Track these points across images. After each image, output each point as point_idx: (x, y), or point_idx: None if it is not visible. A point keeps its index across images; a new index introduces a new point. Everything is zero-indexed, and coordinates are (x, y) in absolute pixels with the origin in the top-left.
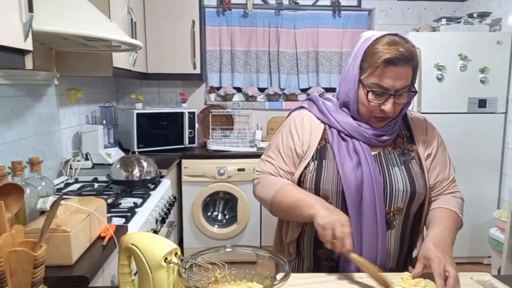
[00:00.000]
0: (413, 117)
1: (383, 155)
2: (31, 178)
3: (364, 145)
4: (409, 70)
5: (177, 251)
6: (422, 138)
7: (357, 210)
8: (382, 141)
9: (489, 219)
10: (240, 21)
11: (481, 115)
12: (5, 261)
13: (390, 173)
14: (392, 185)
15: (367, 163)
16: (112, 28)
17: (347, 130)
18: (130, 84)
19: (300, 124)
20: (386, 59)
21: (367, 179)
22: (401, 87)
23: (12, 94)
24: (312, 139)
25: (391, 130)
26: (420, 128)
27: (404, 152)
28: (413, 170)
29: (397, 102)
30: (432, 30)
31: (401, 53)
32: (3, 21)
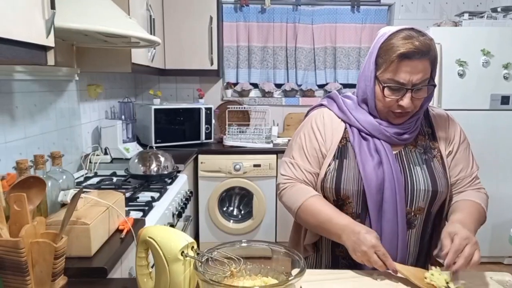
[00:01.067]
0: (435, 114)
1: (405, 153)
2: (53, 172)
3: (385, 144)
4: (426, 64)
5: (194, 245)
6: (444, 135)
7: (378, 209)
8: (403, 139)
9: (510, 218)
10: (258, 17)
11: (504, 112)
12: (27, 251)
13: (411, 172)
14: (414, 185)
15: (388, 162)
16: (131, 24)
17: (367, 129)
18: (148, 80)
19: (322, 123)
20: (400, 54)
21: (389, 178)
22: (418, 81)
23: (35, 89)
24: (334, 137)
25: (413, 127)
26: (442, 124)
27: (426, 150)
28: (435, 169)
29: (416, 96)
30: (454, 25)
31: (416, 46)
32: (26, 18)
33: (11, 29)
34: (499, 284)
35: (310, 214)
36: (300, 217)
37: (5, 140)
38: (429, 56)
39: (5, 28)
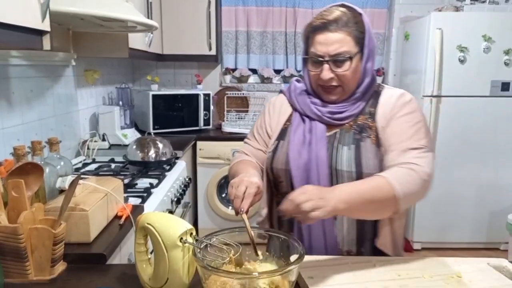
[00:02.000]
0: (386, 93)
1: (340, 134)
2: (50, 158)
3: (320, 125)
4: (343, 36)
5: (192, 231)
6: (386, 113)
7: None
8: (337, 119)
9: (508, 205)
10: (257, 1)
11: (504, 98)
12: (26, 237)
13: (338, 153)
14: (337, 166)
15: (316, 143)
16: (128, 8)
17: (304, 110)
18: (146, 65)
19: (273, 107)
20: (311, 27)
21: (313, 158)
22: (334, 52)
23: (31, 74)
24: (280, 120)
25: (351, 108)
26: (387, 103)
27: (362, 130)
28: (365, 150)
29: (336, 70)
30: (455, 10)
31: (327, 19)
32: (21, 2)
33: (6, 13)
34: (496, 270)
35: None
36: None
37: (2, 126)
38: (346, 29)
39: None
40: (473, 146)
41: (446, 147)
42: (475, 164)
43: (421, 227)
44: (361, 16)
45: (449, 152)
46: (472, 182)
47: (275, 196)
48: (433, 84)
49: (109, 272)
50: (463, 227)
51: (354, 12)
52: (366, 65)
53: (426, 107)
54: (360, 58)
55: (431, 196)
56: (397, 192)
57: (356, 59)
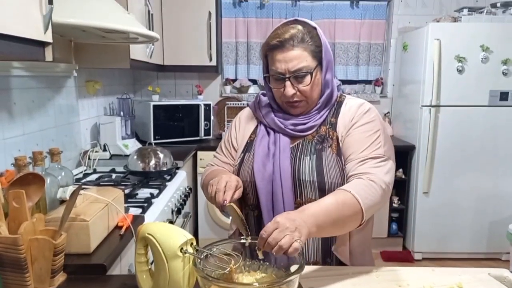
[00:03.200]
0: (347, 104)
1: (301, 145)
2: (51, 168)
3: (284, 137)
4: (300, 52)
5: (193, 241)
6: (346, 123)
7: (269, 202)
8: (299, 130)
9: (508, 214)
10: (257, 13)
11: (503, 108)
12: (26, 248)
13: (300, 163)
14: (300, 176)
15: (279, 155)
16: (129, 20)
17: (269, 123)
18: (147, 76)
19: (239, 120)
20: (268, 47)
21: (277, 170)
22: (294, 69)
23: (33, 85)
24: (245, 133)
25: (312, 119)
26: (347, 113)
27: (324, 140)
28: (326, 159)
29: (297, 85)
30: (453, 21)
31: (282, 38)
32: (24, 14)
33: (9, 25)
34: (497, 280)
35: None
36: (203, 184)
37: (4, 136)
38: (302, 44)
39: (2, 23)
40: (473, 155)
41: (445, 156)
42: (475, 173)
43: (422, 237)
44: (316, 30)
45: (449, 161)
46: (471, 191)
47: (243, 208)
48: (431, 94)
49: (109, 283)
50: (464, 237)
51: (309, 27)
52: (326, 77)
53: (425, 117)
54: (319, 71)
55: (431, 205)
56: (362, 206)
57: (316, 72)
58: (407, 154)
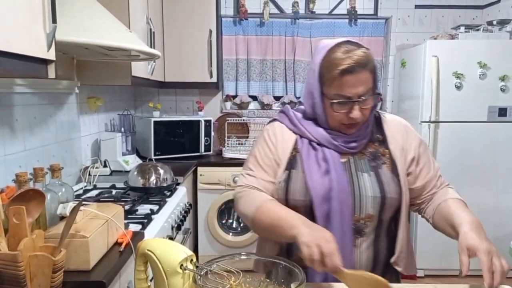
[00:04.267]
0: (387, 120)
1: (353, 161)
2: (52, 184)
3: (333, 152)
4: (367, 75)
5: (193, 257)
6: (399, 141)
7: (325, 219)
8: (351, 147)
9: (510, 230)
10: (257, 30)
11: (501, 124)
12: (25, 265)
13: (359, 179)
14: (361, 192)
15: (335, 171)
16: (131, 38)
17: (317, 138)
18: (148, 92)
19: (274, 134)
20: (342, 70)
21: (335, 187)
22: (363, 92)
23: (35, 102)
24: (284, 148)
25: (362, 135)
26: (395, 130)
27: (376, 157)
28: (383, 175)
29: (363, 107)
30: (450, 38)
31: (355, 61)
32: (27, 32)
33: (12, 43)
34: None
35: (265, 215)
36: (255, 220)
37: (5, 152)
38: (368, 67)
39: (6, 41)
40: (472, 171)
41: (445, 172)
42: (475, 189)
43: (423, 253)
44: (369, 52)
45: (449, 177)
46: (472, 207)
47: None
48: (430, 109)
49: None
50: None
51: (367, 49)
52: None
53: (425, 133)
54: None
55: None
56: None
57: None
58: None
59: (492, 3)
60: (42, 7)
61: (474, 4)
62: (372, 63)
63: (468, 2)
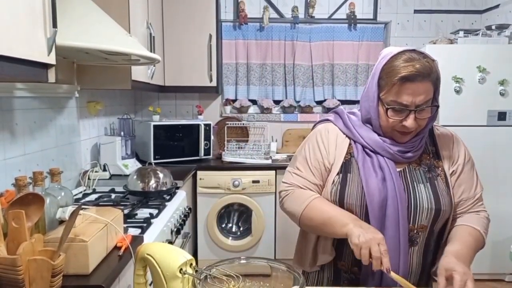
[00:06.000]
0: (440, 133)
1: (408, 171)
2: (51, 188)
3: (389, 161)
4: (428, 85)
5: (192, 262)
6: (448, 154)
7: (380, 225)
8: (407, 157)
9: (510, 235)
10: (256, 35)
11: (501, 128)
12: (24, 269)
13: (415, 190)
14: (417, 202)
15: (392, 179)
16: (132, 42)
17: (371, 145)
18: (148, 96)
19: (326, 137)
20: (402, 77)
21: (392, 195)
22: (421, 102)
23: (35, 106)
24: (337, 152)
25: (417, 146)
26: (446, 144)
27: (430, 168)
28: (438, 187)
29: (419, 117)
30: (449, 43)
31: (417, 69)
32: (28, 37)
33: (13, 47)
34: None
35: (315, 212)
36: (305, 218)
37: (5, 157)
38: (430, 78)
39: (7, 45)
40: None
41: None
42: None
43: None
44: (435, 63)
45: None
46: None
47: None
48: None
49: None
50: None
51: (432, 60)
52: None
53: None
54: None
55: None
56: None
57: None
58: None
59: (491, 8)
60: (43, 12)
61: (473, 9)
62: (435, 74)
63: (467, 7)
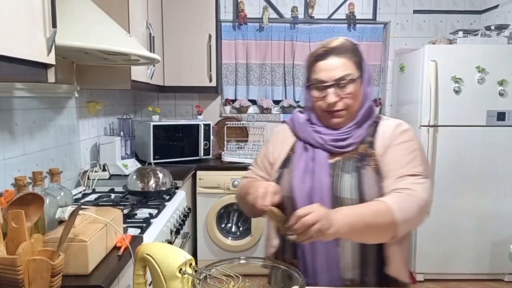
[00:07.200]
0: (384, 124)
1: (341, 163)
2: (51, 188)
3: (322, 153)
4: (345, 61)
5: (192, 262)
6: (384, 141)
7: None
8: (340, 146)
9: (509, 235)
10: (256, 35)
11: (500, 128)
12: (24, 269)
13: (340, 180)
14: (340, 193)
15: (319, 170)
16: (131, 42)
17: (307, 138)
18: (147, 96)
19: (276, 136)
20: (314, 56)
21: (317, 186)
22: (338, 76)
23: (35, 106)
24: (282, 149)
25: (351, 134)
26: (386, 132)
27: (363, 158)
28: (366, 178)
29: (341, 93)
30: (448, 43)
31: (327, 46)
32: (28, 37)
33: (13, 47)
34: None
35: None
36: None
37: (4, 157)
38: (347, 55)
39: (6, 45)
40: (472, 175)
41: (445, 176)
42: (475, 193)
43: (423, 257)
44: (357, 46)
45: (448, 181)
46: (472, 211)
47: None
48: (429, 114)
49: None
50: (465, 258)
51: (351, 42)
52: (366, 90)
53: (424, 137)
54: (360, 83)
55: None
56: (396, 217)
57: (358, 82)
58: None
59: (490, 8)
60: (43, 12)
61: (472, 9)
62: (350, 52)
63: (466, 7)
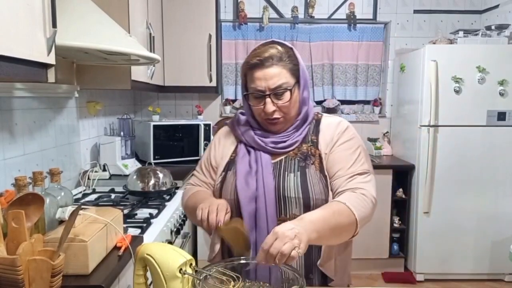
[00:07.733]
0: (326, 122)
1: (284, 162)
2: (51, 188)
3: (264, 155)
4: (279, 70)
5: (192, 262)
6: (326, 139)
7: (251, 219)
8: (281, 148)
9: (509, 235)
10: (256, 35)
11: (500, 128)
12: (24, 269)
13: (284, 180)
14: (285, 193)
15: (262, 171)
16: (131, 42)
17: (248, 141)
18: (147, 96)
19: (218, 140)
20: (248, 66)
21: (260, 187)
22: (274, 86)
23: (34, 106)
24: (225, 152)
25: (292, 136)
26: (328, 130)
27: (306, 157)
28: (309, 176)
29: (278, 102)
30: (449, 43)
31: (259, 56)
32: (28, 37)
33: (13, 47)
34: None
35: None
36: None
37: (4, 157)
38: (281, 63)
39: (6, 45)
40: (472, 175)
41: (445, 176)
42: (475, 193)
43: (423, 258)
44: (292, 50)
45: (448, 181)
46: (472, 211)
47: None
48: (430, 114)
49: None
50: (466, 258)
51: (286, 48)
52: (303, 95)
53: (424, 137)
54: (297, 88)
55: (432, 225)
56: (356, 216)
57: (294, 89)
58: (406, 174)
59: (490, 8)
60: (43, 12)
61: (473, 9)
62: (284, 59)
63: (466, 7)
